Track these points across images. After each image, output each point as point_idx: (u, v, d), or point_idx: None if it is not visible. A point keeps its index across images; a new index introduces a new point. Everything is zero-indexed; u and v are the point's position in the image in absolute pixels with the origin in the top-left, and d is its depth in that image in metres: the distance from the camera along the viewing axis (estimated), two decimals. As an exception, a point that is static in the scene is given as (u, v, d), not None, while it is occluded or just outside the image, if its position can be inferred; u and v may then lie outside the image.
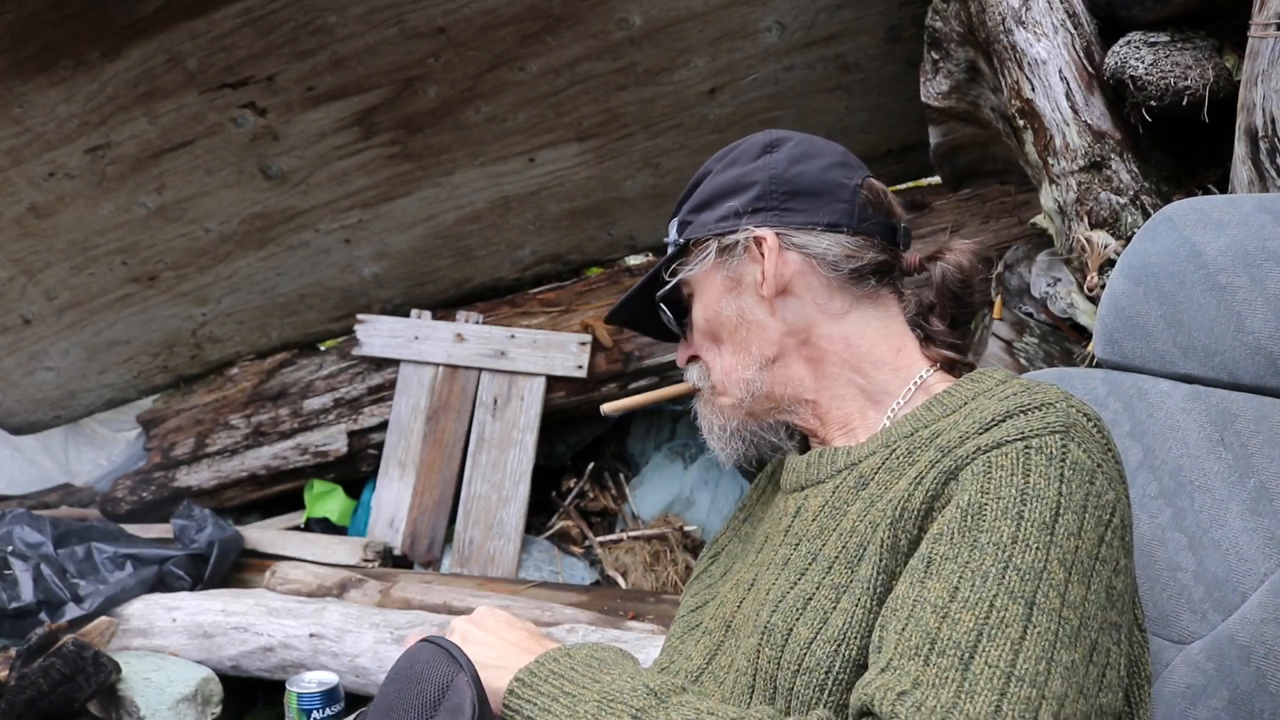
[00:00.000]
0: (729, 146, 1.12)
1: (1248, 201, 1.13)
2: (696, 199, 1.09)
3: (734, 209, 1.05)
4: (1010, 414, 0.85)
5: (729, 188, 1.07)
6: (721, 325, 1.07)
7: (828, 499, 0.97)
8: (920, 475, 0.87)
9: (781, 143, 1.08)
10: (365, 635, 2.49)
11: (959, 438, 0.87)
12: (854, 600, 0.86)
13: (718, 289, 1.06)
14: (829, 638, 0.85)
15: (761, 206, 1.05)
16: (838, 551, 0.91)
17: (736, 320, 1.06)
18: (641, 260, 3.44)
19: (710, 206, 1.07)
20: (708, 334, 1.08)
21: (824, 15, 2.65)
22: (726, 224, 1.05)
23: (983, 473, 0.82)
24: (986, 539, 0.78)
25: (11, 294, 3.26)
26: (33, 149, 2.92)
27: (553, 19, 2.68)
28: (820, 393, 1.04)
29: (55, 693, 2.24)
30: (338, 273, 3.28)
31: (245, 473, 3.32)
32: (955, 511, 0.81)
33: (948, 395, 0.96)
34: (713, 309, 1.07)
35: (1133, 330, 1.15)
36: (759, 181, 1.05)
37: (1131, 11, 1.79)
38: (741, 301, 1.05)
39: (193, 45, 2.71)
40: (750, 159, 1.07)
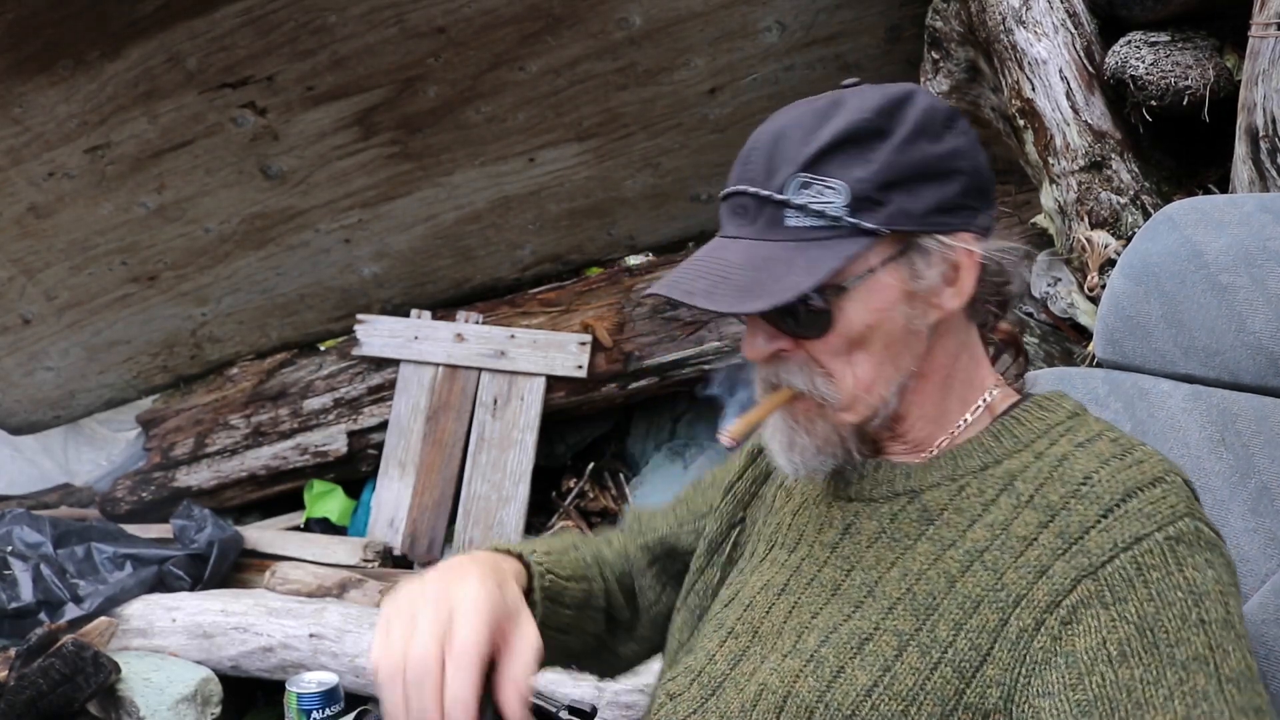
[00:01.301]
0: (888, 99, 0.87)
1: (1248, 201, 1.12)
2: (885, 170, 0.84)
3: (944, 201, 0.86)
4: (1129, 494, 0.81)
5: (930, 168, 0.86)
6: (880, 335, 0.87)
7: (885, 526, 0.90)
8: (1043, 565, 0.80)
9: (958, 118, 0.90)
10: (365, 635, 2.49)
11: (1079, 525, 0.80)
12: (929, 661, 0.81)
13: (895, 293, 0.86)
14: (897, 694, 0.80)
15: (964, 204, 0.87)
16: (901, 593, 0.85)
17: (899, 332, 0.88)
18: (642, 259, 3.43)
19: (908, 188, 0.85)
20: (855, 340, 0.87)
21: (824, 15, 2.65)
22: (939, 221, 0.86)
23: (1137, 577, 0.77)
24: (1184, 654, 0.74)
25: (11, 294, 3.26)
26: (32, 149, 2.92)
27: (553, 19, 2.68)
28: (911, 409, 0.92)
29: (55, 693, 2.23)
30: (337, 273, 3.28)
31: (245, 473, 3.32)
32: (1128, 628, 0.76)
33: (1016, 424, 0.90)
34: (880, 314, 0.86)
35: (1133, 330, 1.15)
36: (962, 171, 0.87)
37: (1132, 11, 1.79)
38: (911, 309, 0.88)
39: (192, 45, 2.71)
40: (938, 133, 0.87)
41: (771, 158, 0.86)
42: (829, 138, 0.84)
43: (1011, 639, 0.79)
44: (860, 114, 0.85)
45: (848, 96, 0.89)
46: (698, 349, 3.03)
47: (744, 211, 0.88)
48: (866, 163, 0.84)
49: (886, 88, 0.89)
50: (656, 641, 1.16)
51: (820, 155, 0.84)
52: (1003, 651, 0.79)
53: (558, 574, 1.02)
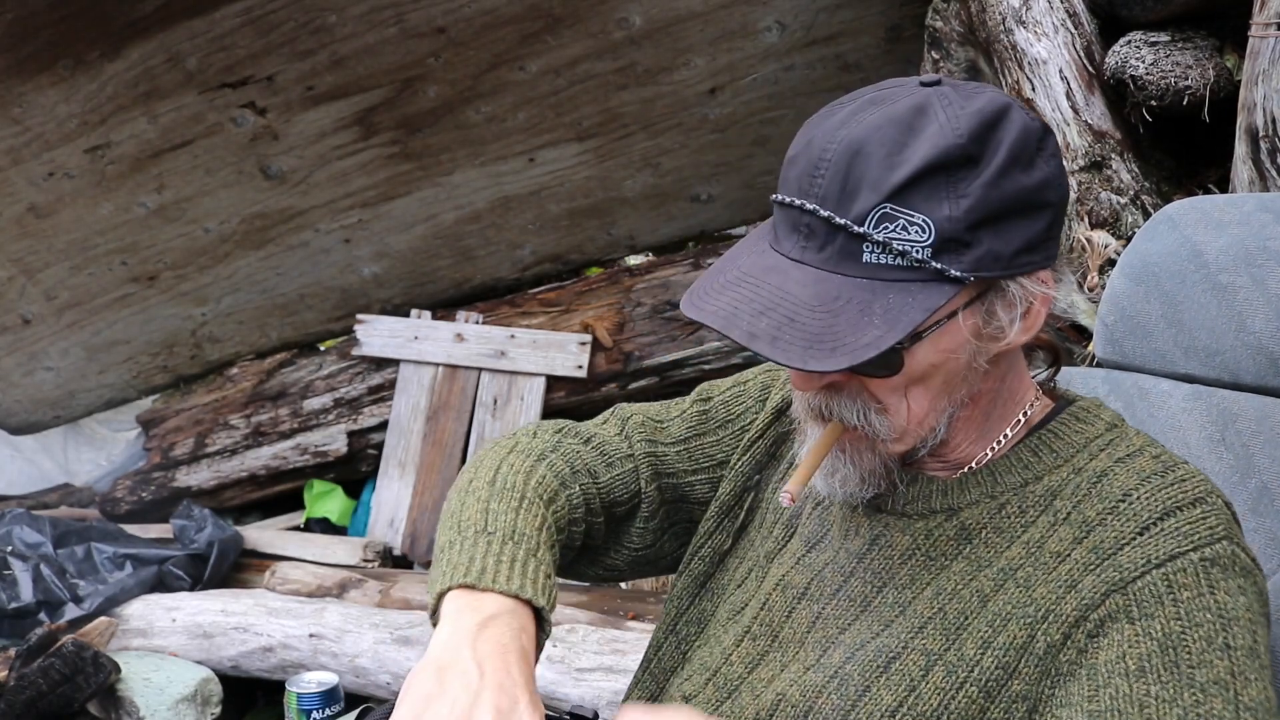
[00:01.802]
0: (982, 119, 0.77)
1: (1248, 201, 1.12)
2: (976, 208, 0.75)
3: (1030, 241, 0.78)
4: (1168, 513, 0.79)
5: (1021, 204, 0.77)
6: (943, 372, 0.82)
7: (919, 543, 0.87)
8: (1073, 580, 0.78)
9: (1048, 136, 0.81)
10: (365, 635, 2.49)
11: (1114, 540, 0.78)
12: (954, 680, 0.79)
13: (964, 334, 0.80)
14: (921, 714, 0.79)
15: (1049, 237, 0.80)
16: (933, 612, 0.83)
17: (963, 369, 0.83)
18: (642, 259, 3.43)
19: (997, 228, 0.77)
20: (915, 378, 0.82)
21: (824, 15, 2.65)
22: (1025, 263, 0.79)
23: (1166, 595, 0.76)
24: (1204, 677, 0.73)
25: (11, 294, 3.26)
26: (32, 149, 2.92)
27: (553, 19, 2.68)
28: (956, 433, 0.88)
29: (55, 693, 2.23)
30: (337, 273, 3.28)
31: (245, 473, 3.32)
32: (1151, 644, 0.74)
33: (1054, 439, 0.87)
34: (947, 355, 0.81)
35: (1133, 330, 1.15)
36: (1051, 204, 0.79)
37: (1132, 11, 1.79)
38: (978, 347, 0.82)
39: (192, 45, 2.71)
40: (1031, 159, 0.78)
41: (849, 178, 0.77)
42: (917, 165, 0.75)
43: (1039, 654, 0.78)
44: (950, 137, 0.75)
45: (932, 105, 0.78)
46: (698, 349, 3.03)
47: (810, 233, 0.79)
48: (956, 198, 0.75)
49: (976, 98, 0.79)
50: (622, 572, 1.09)
51: (906, 184, 0.75)
52: (1029, 666, 0.78)
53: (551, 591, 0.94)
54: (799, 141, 0.82)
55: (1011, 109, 0.79)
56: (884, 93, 0.81)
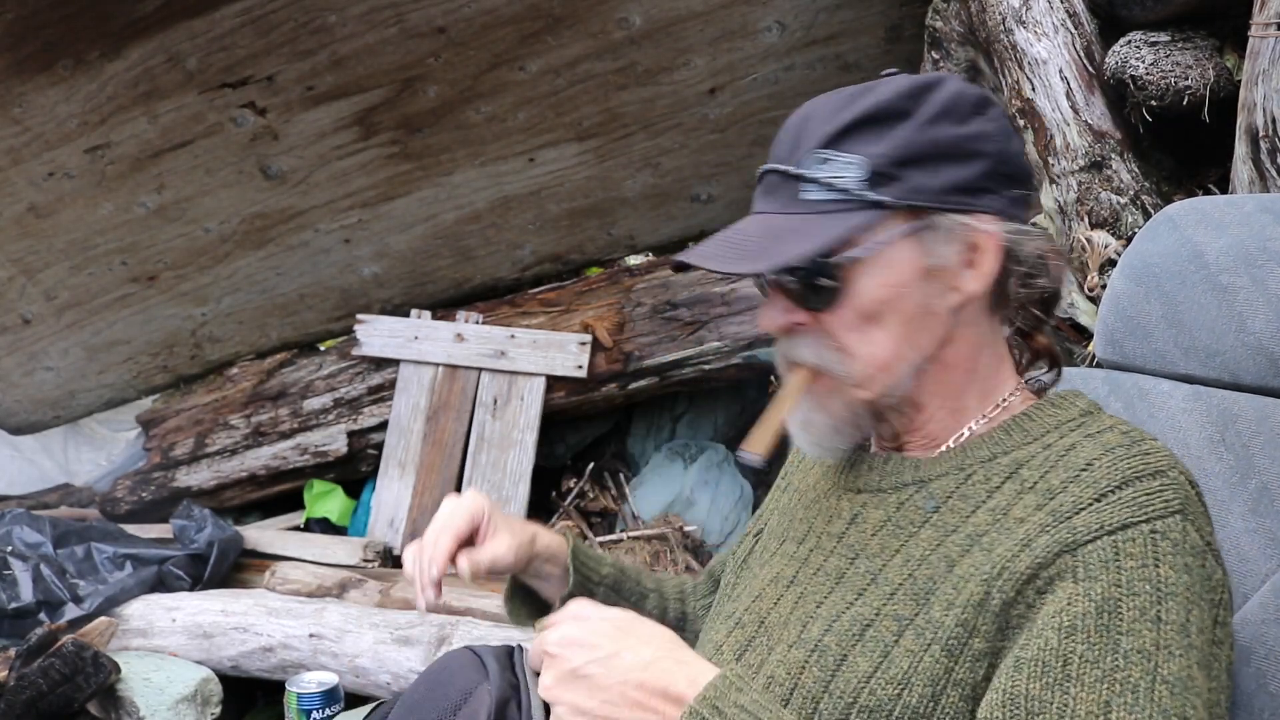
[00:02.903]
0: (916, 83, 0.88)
1: (1249, 202, 1.12)
2: (903, 147, 0.85)
3: (963, 181, 0.86)
4: (1126, 482, 0.81)
5: (950, 148, 0.86)
6: (896, 311, 0.88)
7: (890, 515, 0.91)
8: (1029, 538, 0.81)
9: (988, 104, 0.90)
10: (365, 635, 2.49)
11: (1072, 505, 0.81)
12: (922, 643, 0.82)
13: (912, 270, 0.87)
14: (892, 678, 0.81)
15: (987, 187, 0.87)
16: (903, 579, 0.86)
17: (915, 310, 0.88)
18: (642, 259, 3.43)
19: (925, 165, 0.86)
20: (869, 315, 0.88)
21: (824, 15, 2.65)
22: (957, 199, 0.87)
23: (1112, 561, 0.78)
24: (1129, 645, 0.75)
25: (11, 294, 3.26)
26: (32, 149, 2.92)
27: (553, 19, 2.68)
28: (930, 399, 0.93)
29: (55, 693, 2.23)
30: (337, 273, 3.28)
31: (245, 473, 3.32)
32: (1088, 604, 0.77)
33: (1027, 420, 0.91)
34: (894, 290, 0.87)
35: (1134, 330, 1.15)
36: (986, 154, 0.88)
37: (1132, 11, 1.79)
38: (929, 289, 0.88)
39: (192, 45, 2.71)
40: (964, 116, 0.88)
41: (797, 137, 0.90)
42: (851, 117, 0.86)
43: (995, 610, 0.80)
44: (886, 96, 0.87)
45: (880, 83, 0.90)
46: (698, 349, 3.03)
47: (771, 189, 0.91)
48: (886, 140, 0.86)
49: (921, 75, 0.91)
50: None
51: (841, 133, 0.86)
52: (986, 624, 0.80)
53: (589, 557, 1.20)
54: None
55: (948, 79, 0.90)
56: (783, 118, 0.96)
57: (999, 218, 0.89)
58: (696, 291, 3.06)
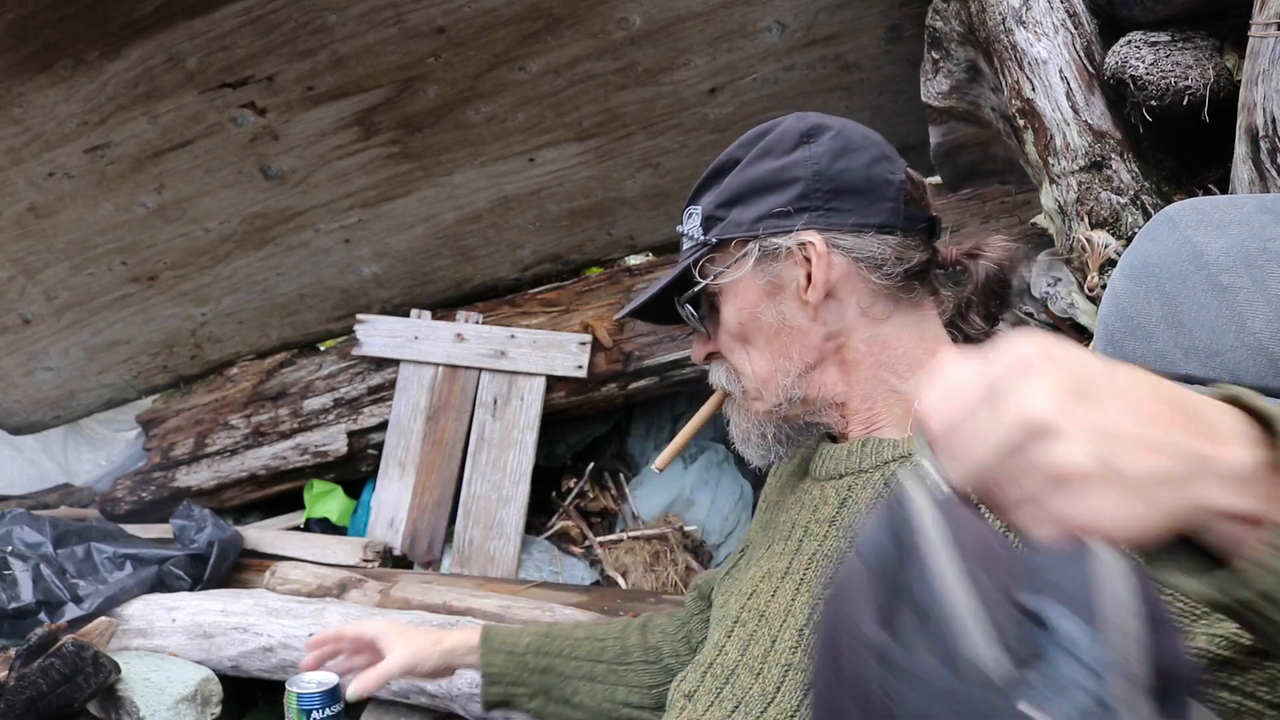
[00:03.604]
0: (756, 131, 1.03)
1: (1249, 202, 1.12)
2: (726, 191, 1.00)
3: (777, 207, 0.98)
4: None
5: (766, 182, 0.99)
6: (759, 330, 1.00)
7: (880, 490, 0.95)
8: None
9: (819, 132, 1.00)
10: (365, 635, 2.49)
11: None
12: None
13: (756, 292, 1.00)
14: None
15: (805, 206, 0.98)
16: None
17: (776, 325, 1.00)
18: (641, 260, 3.44)
19: (744, 202, 0.99)
20: (739, 336, 1.02)
21: (824, 15, 2.65)
22: (770, 224, 0.98)
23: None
24: None
25: (11, 294, 3.26)
26: (32, 149, 2.91)
27: (553, 19, 2.68)
28: (850, 395, 1.01)
29: (55, 693, 2.23)
30: (338, 273, 3.28)
31: (245, 473, 3.32)
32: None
33: None
34: (749, 313, 1.00)
35: (1133, 330, 1.15)
36: (801, 178, 0.98)
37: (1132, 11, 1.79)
38: (782, 306, 0.99)
39: (192, 45, 2.71)
40: (786, 150, 0.99)
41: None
42: (704, 175, 1.05)
43: None
44: (730, 149, 1.04)
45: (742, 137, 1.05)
46: (698, 349, 3.03)
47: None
48: (717, 188, 1.02)
49: (771, 121, 1.03)
50: None
51: (698, 190, 1.05)
52: None
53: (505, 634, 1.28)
54: None
55: (784, 121, 1.02)
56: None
57: (824, 230, 0.98)
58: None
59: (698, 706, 0.95)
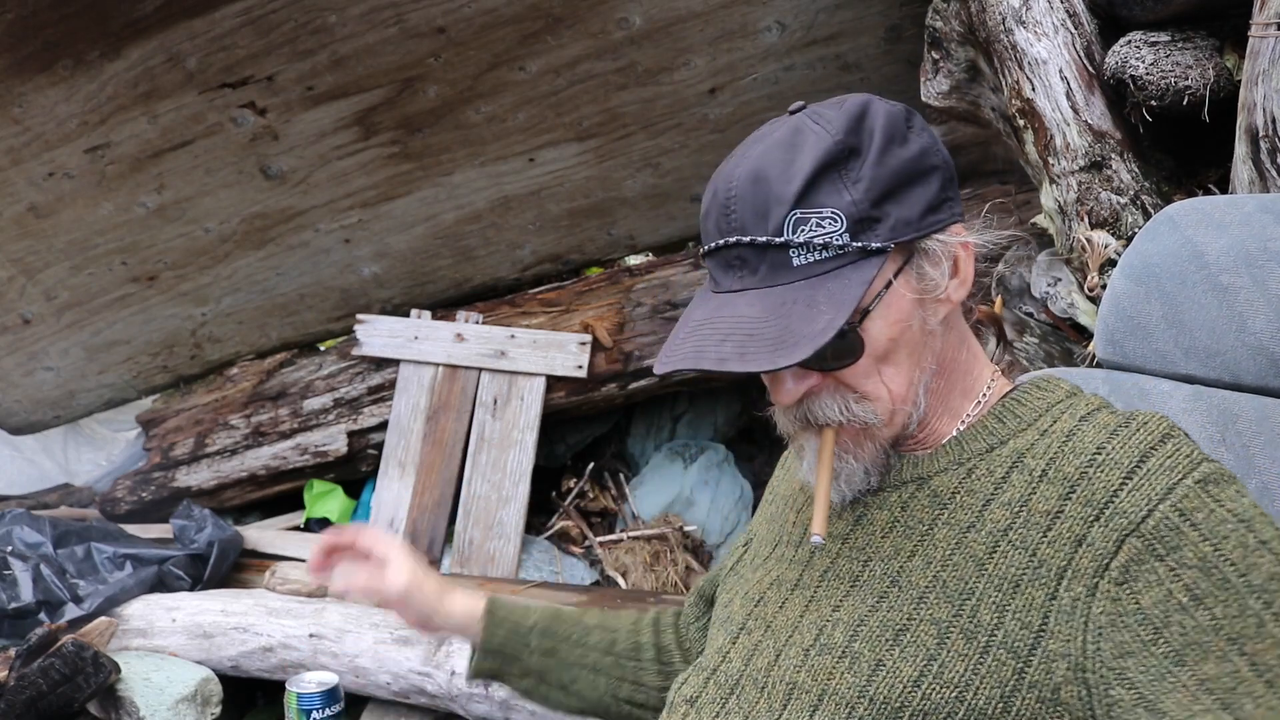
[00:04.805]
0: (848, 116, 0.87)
1: (1249, 202, 1.12)
2: (872, 187, 0.84)
3: (931, 202, 0.87)
4: (1145, 455, 0.82)
5: (909, 173, 0.86)
6: (904, 343, 0.88)
7: (896, 515, 0.91)
8: (1078, 534, 0.80)
9: (912, 114, 0.91)
10: (365, 635, 2.49)
11: (1105, 489, 0.81)
12: (976, 646, 0.81)
13: (909, 301, 0.87)
14: (949, 682, 0.80)
15: (947, 197, 0.89)
16: (928, 581, 0.85)
17: (919, 335, 0.89)
18: (641, 259, 3.43)
19: (896, 198, 0.85)
20: (881, 357, 0.88)
21: (824, 15, 2.65)
22: (935, 220, 0.87)
23: (1182, 522, 0.78)
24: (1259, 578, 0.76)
25: (11, 294, 3.26)
26: (32, 149, 2.92)
27: (553, 19, 2.68)
28: (931, 408, 0.93)
29: (55, 693, 2.23)
30: (338, 273, 3.28)
31: (245, 473, 3.32)
32: (1191, 572, 0.76)
33: (1016, 405, 0.92)
34: (900, 325, 0.87)
35: (1134, 330, 1.15)
36: (937, 166, 0.89)
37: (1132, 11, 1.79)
38: (925, 311, 0.89)
39: (192, 45, 2.71)
40: (904, 136, 0.88)
41: (756, 202, 0.86)
42: (810, 169, 0.84)
43: (1066, 610, 0.79)
44: (828, 139, 0.85)
45: (804, 123, 0.88)
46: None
47: (741, 263, 0.88)
48: (853, 184, 0.84)
49: (840, 103, 0.89)
50: None
51: (807, 187, 0.84)
52: (1060, 624, 0.79)
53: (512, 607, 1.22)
54: (705, 198, 0.93)
55: (872, 102, 0.89)
56: (762, 131, 0.92)
57: (964, 223, 0.91)
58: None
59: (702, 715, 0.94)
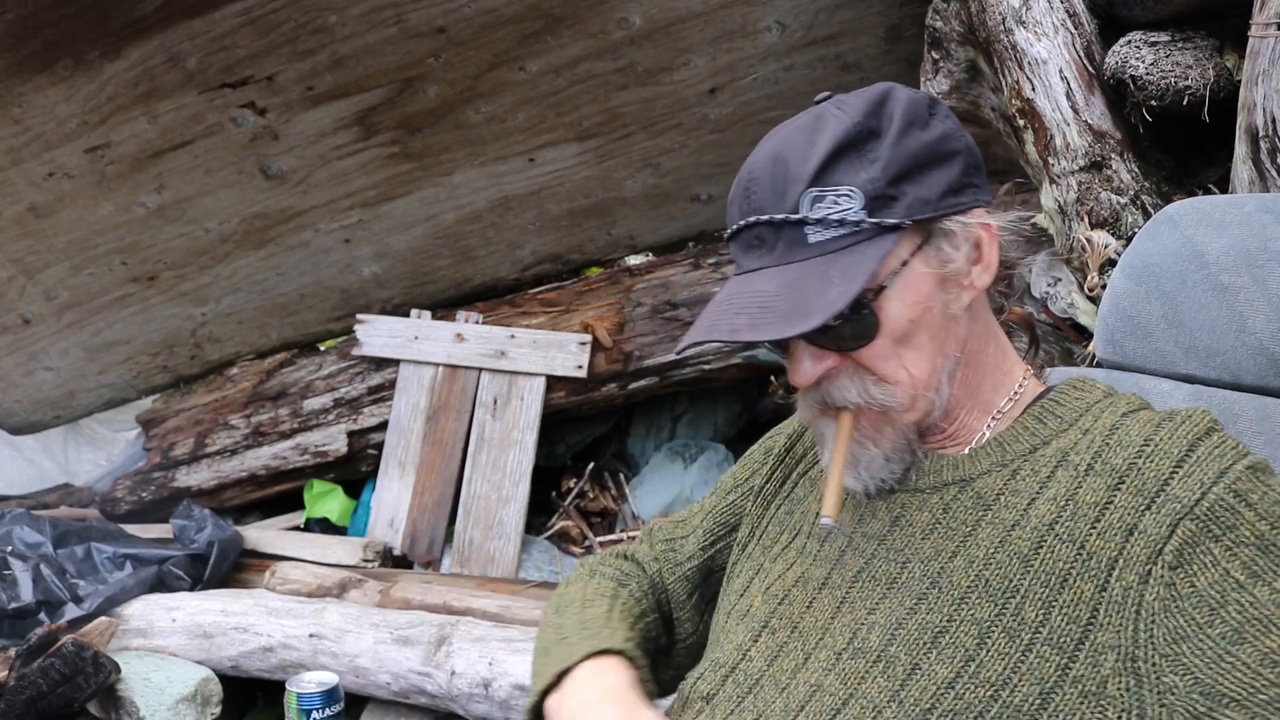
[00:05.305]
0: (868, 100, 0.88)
1: (1249, 201, 1.12)
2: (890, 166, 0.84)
3: (951, 183, 0.87)
4: (1193, 445, 0.82)
5: (929, 155, 0.86)
6: (924, 326, 0.87)
7: (938, 516, 0.89)
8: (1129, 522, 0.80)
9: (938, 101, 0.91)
10: (365, 635, 2.49)
11: (1155, 477, 0.80)
12: (1019, 644, 0.80)
13: (930, 282, 0.87)
14: (985, 681, 0.79)
15: (969, 182, 0.89)
16: (970, 581, 0.84)
17: (940, 319, 0.88)
18: (641, 259, 3.43)
19: (913, 178, 0.85)
20: (900, 338, 0.87)
21: (824, 15, 2.65)
22: (955, 202, 0.87)
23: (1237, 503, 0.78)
24: None
25: (11, 294, 3.26)
26: (32, 149, 2.92)
27: (553, 19, 2.68)
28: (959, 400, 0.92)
29: (55, 693, 2.23)
30: (338, 273, 3.28)
31: (245, 473, 3.32)
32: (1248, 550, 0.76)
33: (1056, 405, 0.91)
34: (920, 306, 0.87)
35: (1134, 330, 1.15)
36: (959, 150, 0.88)
37: (1132, 11, 1.79)
38: (947, 295, 0.88)
39: (192, 45, 2.71)
40: (925, 120, 0.88)
41: (774, 182, 0.86)
42: (828, 148, 0.84)
43: (1117, 601, 0.78)
44: (848, 121, 0.86)
45: (826, 108, 0.89)
46: (698, 349, 3.03)
47: (760, 243, 0.87)
48: (870, 163, 0.85)
49: (864, 91, 0.90)
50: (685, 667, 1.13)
51: (824, 166, 0.84)
52: (1110, 616, 0.78)
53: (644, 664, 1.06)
54: (732, 188, 0.92)
55: (895, 88, 0.89)
56: (787, 121, 0.93)
57: (987, 208, 0.90)
58: (696, 291, 3.06)
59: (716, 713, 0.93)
